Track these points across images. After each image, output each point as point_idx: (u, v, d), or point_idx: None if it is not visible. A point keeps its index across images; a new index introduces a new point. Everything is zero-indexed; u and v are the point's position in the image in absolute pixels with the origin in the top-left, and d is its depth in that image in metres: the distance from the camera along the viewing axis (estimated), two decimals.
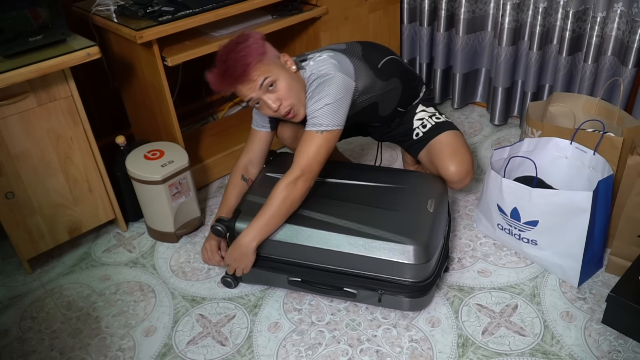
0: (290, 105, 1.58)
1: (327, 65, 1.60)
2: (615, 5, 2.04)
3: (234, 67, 1.51)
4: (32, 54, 1.62)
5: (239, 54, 1.51)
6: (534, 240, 1.73)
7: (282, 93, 1.57)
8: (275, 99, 1.56)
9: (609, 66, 2.15)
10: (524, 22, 2.34)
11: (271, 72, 1.54)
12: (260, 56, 1.53)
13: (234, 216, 1.65)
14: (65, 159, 1.81)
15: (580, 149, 1.76)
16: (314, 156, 1.55)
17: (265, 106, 1.59)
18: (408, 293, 1.56)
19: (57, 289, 1.84)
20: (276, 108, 1.57)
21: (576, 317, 1.61)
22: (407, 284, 1.55)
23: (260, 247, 1.62)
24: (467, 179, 1.82)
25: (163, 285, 1.83)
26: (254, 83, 1.53)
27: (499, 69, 2.43)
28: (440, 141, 1.84)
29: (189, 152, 2.02)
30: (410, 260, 1.51)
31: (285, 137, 1.88)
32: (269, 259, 1.66)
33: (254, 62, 1.51)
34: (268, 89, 1.56)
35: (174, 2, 1.94)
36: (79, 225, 1.93)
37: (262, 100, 1.57)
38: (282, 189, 1.55)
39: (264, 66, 1.53)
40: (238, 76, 1.52)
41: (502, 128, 2.60)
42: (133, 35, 1.77)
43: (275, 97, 1.56)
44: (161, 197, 1.89)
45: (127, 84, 2.21)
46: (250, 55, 1.51)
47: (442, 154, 1.82)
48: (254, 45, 1.53)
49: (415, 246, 1.51)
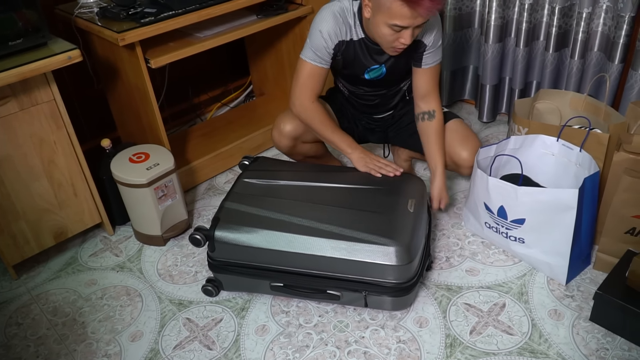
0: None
1: None
2: (601, 1, 2.04)
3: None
4: (12, 58, 1.60)
5: None
6: (521, 239, 1.72)
7: (417, 34, 1.59)
8: (413, 37, 1.56)
9: (596, 62, 2.15)
10: (510, 19, 2.33)
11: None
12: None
13: (212, 224, 1.63)
14: (49, 163, 1.79)
15: (567, 146, 1.75)
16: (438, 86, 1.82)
17: (402, 35, 1.55)
18: (392, 293, 1.56)
19: (43, 294, 1.83)
20: (409, 43, 1.57)
21: (564, 315, 1.60)
22: (390, 285, 1.54)
23: (241, 255, 1.62)
24: None
25: (150, 289, 1.82)
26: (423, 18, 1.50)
27: (486, 66, 2.43)
28: (449, 129, 1.87)
29: (176, 154, 2.01)
30: (393, 261, 1.50)
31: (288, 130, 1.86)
32: (250, 267, 1.64)
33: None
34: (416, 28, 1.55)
35: (157, 3, 1.93)
36: (64, 230, 1.91)
37: (408, 32, 1.53)
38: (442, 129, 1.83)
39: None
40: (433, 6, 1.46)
41: (490, 125, 2.60)
42: (115, 37, 1.76)
43: (413, 35, 1.56)
44: (147, 200, 1.87)
45: (112, 87, 2.19)
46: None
47: (453, 141, 1.85)
48: None
49: (397, 247, 1.50)
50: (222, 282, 1.71)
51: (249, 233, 1.59)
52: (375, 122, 2.01)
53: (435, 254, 1.86)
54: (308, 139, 1.91)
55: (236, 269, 1.64)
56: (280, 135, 1.88)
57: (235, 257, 1.63)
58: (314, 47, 1.69)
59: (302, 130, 1.86)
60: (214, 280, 1.73)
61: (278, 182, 1.77)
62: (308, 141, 1.93)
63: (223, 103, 2.85)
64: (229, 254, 1.63)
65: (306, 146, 1.95)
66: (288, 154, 1.96)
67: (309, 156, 2.01)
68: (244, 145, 2.41)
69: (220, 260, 1.66)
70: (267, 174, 1.81)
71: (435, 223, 1.99)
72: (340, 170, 1.91)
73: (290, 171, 1.85)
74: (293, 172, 1.85)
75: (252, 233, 1.59)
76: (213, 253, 1.65)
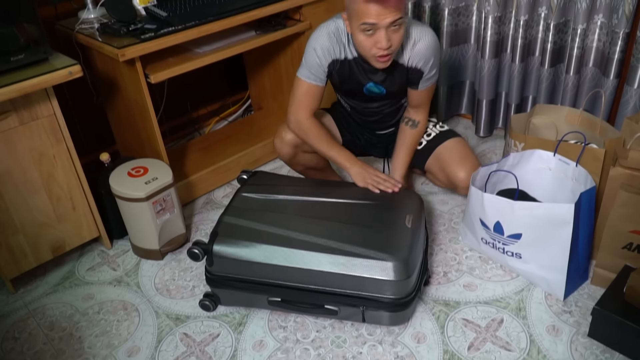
0: (393, 51, 1.60)
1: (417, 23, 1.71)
2: (595, 17, 2.06)
3: None
4: (13, 73, 1.61)
5: None
6: (518, 254, 1.73)
7: (397, 39, 1.58)
8: (389, 39, 1.55)
9: (591, 77, 2.17)
10: (505, 35, 2.36)
11: (404, 13, 1.54)
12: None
13: (211, 239, 1.63)
14: (48, 177, 1.80)
15: (563, 161, 1.76)
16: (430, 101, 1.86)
17: (376, 39, 1.55)
18: (390, 308, 1.56)
19: (40, 308, 1.82)
20: (385, 47, 1.55)
21: (562, 330, 1.60)
22: (388, 300, 1.54)
23: (239, 269, 1.62)
24: None
25: (147, 303, 1.81)
26: (391, 15, 1.50)
27: (483, 81, 2.45)
28: (448, 147, 1.88)
29: (175, 168, 2.02)
30: (391, 276, 1.50)
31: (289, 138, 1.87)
32: (247, 281, 1.64)
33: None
34: (391, 29, 1.54)
35: (157, 19, 1.94)
36: (62, 244, 1.91)
37: (381, 33, 1.53)
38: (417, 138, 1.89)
39: (404, 5, 1.53)
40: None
41: (487, 140, 2.61)
42: (115, 53, 1.77)
43: (390, 37, 1.55)
44: (145, 214, 1.88)
45: (112, 101, 2.20)
46: None
47: (451, 160, 1.86)
48: None
49: (395, 262, 1.51)
50: (220, 296, 1.71)
51: (247, 247, 1.60)
52: (376, 138, 2.02)
53: (433, 268, 1.86)
54: (308, 149, 1.92)
55: (234, 284, 1.64)
56: (282, 143, 1.89)
57: (234, 271, 1.63)
58: (309, 66, 1.73)
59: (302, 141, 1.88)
60: (212, 295, 1.72)
61: (276, 196, 1.77)
62: (309, 151, 1.94)
63: (221, 117, 2.87)
64: (227, 268, 1.63)
65: (307, 156, 1.96)
66: (289, 163, 1.97)
67: (309, 167, 2.02)
68: (242, 159, 2.42)
69: (218, 274, 1.65)
70: (266, 188, 1.81)
71: (432, 238, 2.00)
72: (338, 186, 1.92)
73: (288, 186, 1.86)
74: (291, 186, 1.85)
75: (251, 247, 1.59)
76: (211, 267, 1.65)
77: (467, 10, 2.46)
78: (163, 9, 1.98)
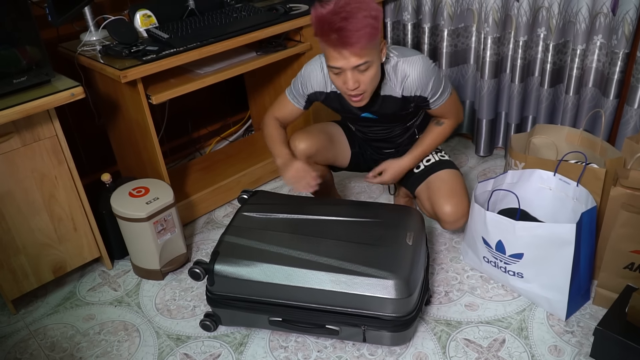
0: (363, 91, 1.57)
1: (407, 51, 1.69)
2: (594, 38, 2.08)
3: (347, 33, 1.42)
4: (16, 95, 1.62)
5: (359, 23, 1.42)
6: (519, 273, 1.72)
7: (367, 80, 1.54)
8: (357, 80, 1.53)
9: (591, 97, 2.18)
10: (505, 55, 2.38)
11: (371, 57, 1.50)
12: (375, 36, 1.47)
13: (212, 258, 1.63)
14: (50, 198, 1.80)
15: (564, 181, 1.77)
16: (459, 108, 1.83)
17: (344, 80, 1.54)
18: (391, 328, 1.55)
19: (41, 329, 1.82)
20: (352, 88, 1.54)
21: (564, 351, 1.59)
22: (389, 318, 1.54)
23: (240, 289, 1.61)
24: (460, 222, 1.83)
25: (148, 324, 1.81)
26: (354, 59, 1.48)
27: (483, 101, 2.46)
28: (440, 177, 1.85)
29: (176, 188, 2.02)
30: (393, 295, 1.50)
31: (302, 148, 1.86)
32: (248, 300, 1.63)
33: (367, 41, 1.45)
34: (356, 70, 1.51)
35: (159, 41, 1.97)
36: (63, 265, 1.91)
37: (347, 75, 1.52)
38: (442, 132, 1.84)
39: (371, 48, 1.48)
40: (346, 44, 1.44)
41: (487, 159, 2.62)
42: (117, 74, 1.79)
43: (358, 79, 1.53)
44: (146, 234, 1.88)
45: (113, 122, 2.22)
46: (369, 33, 1.44)
47: (439, 191, 1.83)
48: (375, 24, 1.45)
49: (396, 280, 1.50)
50: (221, 316, 1.70)
51: (249, 267, 1.59)
52: (379, 155, 2.02)
53: (434, 288, 1.86)
54: (320, 160, 1.92)
55: (235, 303, 1.63)
56: (294, 152, 1.86)
57: (235, 290, 1.63)
58: (294, 87, 1.79)
59: (315, 150, 1.87)
60: (212, 315, 1.72)
61: (277, 215, 1.78)
62: (320, 162, 1.94)
63: (222, 137, 2.88)
64: (228, 287, 1.63)
65: (316, 168, 1.93)
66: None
67: None
68: (243, 179, 2.42)
69: (220, 294, 1.65)
70: (266, 207, 1.82)
71: (433, 257, 2.00)
72: (338, 204, 1.92)
73: (289, 204, 1.86)
74: (292, 205, 1.86)
75: (252, 267, 1.59)
76: (212, 287, 1.65)
77: (467, 31, 2.48)
78: (164, 31, 2.00)
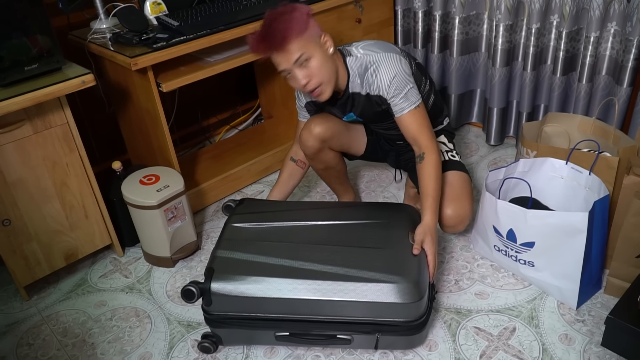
0: (318, 84, 1.61)
1: (378, 49, 1.68)
2: (608, 25, 2.05)
3: (273, 35, 1.53)
4: (27, 82, 1.63)
5: (281, 24, 1.53)
6: (530, 262, 1.72)
7: (314, 71, 1.59)
8: (305, 75, 1.59)
9: (604, 85, 2.16)
10: (517, 43, 2.35)
11: (308, 49, 1.56)
12: (302, 31, 1.54)
13: (207, 276, 1.51)
14: (61, 186, 1.81)
15: (576, 169, 1.75)
16: (428, 127, 1.69)
17: (294, 79, 1.61)
18: (404, 332, 1.50)
19: (54, 315, 1.84)
20: (304, 84, 1.60)
21: (575, 339, 1.59)
22: (402, 324, 1.48)
23: (240, 306, 1.52)
24: (460, 226, 1.81)
25: (159, 310, 1.82)
26: (289, 55, 1.55)
27: (494, 89, 2.44)
28: (447, 180, 1.80)
29: (186, 176, 2.02)
30: (405, 299, 1.44)
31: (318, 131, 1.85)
32: (252, 318, 1.53)
33: (293, 35, 1.53)
34: (301, 65, 1.58)
35: (169, 29, 1.96)
36: (75, 251, 1.93)
37: (293, 73, 1.59)
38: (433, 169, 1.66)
39: (303, 41, 1.55)
40: (276, 45, 1.54)
41: (498, 148, 2.60)
42: (128, 62, 1.79)
43: (305, 73, 1.59)
44: (157, 221, 1.89)
45: (123, 110, 2.22)
46: (292, 27, 1.53)
47: (444, 193, 1.78)
48: (298, 19, 1.55)
49: (407, 284, 1.45)
50: (221, 336, 1.60)
51: (248, 282, 1.49)
52: (391, 146, 2.02)
53: (444, 277, 1.85)
54: (335, 146, 1.92)
55: (237, 322, 1.54)
56: (309, 135, 1.85)
57: (235, 309, 1.52)
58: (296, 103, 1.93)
59: (331, 134, 1.86)
60: (212, 336, 1.61)
61: (270, 224, 1.69)
62: (334, 148, 1.93)
63: (232, 126, 2.88)
64: (227, 306, 1.52)
65: (330, 154, 1.94)
66: (312, 158, 1.92)
67: (330, 166, 1.98)
68: (253, 167, 2.43)
69: (218, 314, 1.54)
70: (256, 217, 1.73)
71: (443, 246, 1.99)
72: (333, 206, 1.88)
73: (280, 211, 1.78)
74: (284, 211, 1.77)
75: (252, 282, 1.49)
76: (209, 307, 1.53)
77: (478, 18, 2.46)
78: (174, 19, 2.00)
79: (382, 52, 1.67)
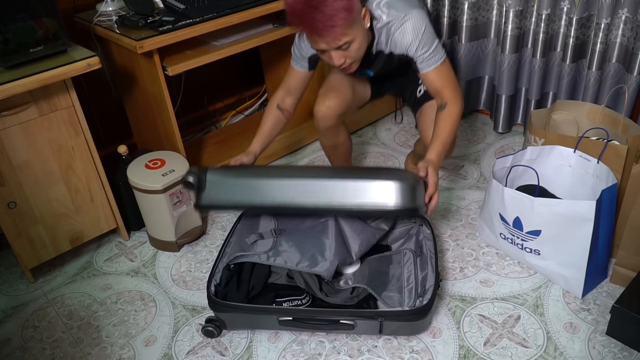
0: (352, 62, 1.57)
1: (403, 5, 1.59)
2: (620, 12, 2.03)
3: (319, 24, 1.42)
4: (33, 64, 1.62)
5: (330, 8, 1.40)
6: (536, 250, 1.71)
7: (352, 53, 1.53)
8: (342, 56, 1.52)
9: (614, 73, 2.13)
10: (527, 29, 2.33)
11: (352, 34, 1.48)
12: (350, 18, 1.44)
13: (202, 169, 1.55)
14: (67, 169, 1.81)
15: (584, 158, 1.74)
16: (453, 81, 1.64)
17: (329, 57, 1.54)
18: (408, 317, 1.50)
19: (59, 298, 1.85)
20: (339, 64, 1.54)
21: (580, 328, 1.58)
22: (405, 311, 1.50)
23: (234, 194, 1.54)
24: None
25: (164, 294, 1.83)
26: (333, 42, 1.47)
27: (502, 76, 2.42)
28: (432, 106, 1.77)
29: (191, 161, 2.02)
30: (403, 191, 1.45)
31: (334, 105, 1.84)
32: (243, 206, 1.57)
33: (343, 25, 1.43)
34: (341, 48, 1.51)
35: (175, 12, 1.95)
36: (80, 235, 1.93)
37: (329, 53, 1.52)
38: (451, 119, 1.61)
39: (349, 29, 1.46)
40: (320, 35, 1.45)
41: (505, 136, 2.58)
42: (133, 45, 1.78)
43: (343, 54, 1.52)
44: (162, 206, 1.89)
45: (129, 93, 2.22)
46: (343, 16, 1.42)
47: (427, 120, 1.78)
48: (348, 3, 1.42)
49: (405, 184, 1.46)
50: (225, 320, 1.60)
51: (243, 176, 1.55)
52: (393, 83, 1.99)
53: (449, 264, 1.85)
54: (349, 114, 1.91)
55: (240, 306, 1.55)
56: (327, 109, 1.83)
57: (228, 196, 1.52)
58: (294, 52, 1.80)
59: (345, 107, 1.85)
60: (215, 320, 1.61)
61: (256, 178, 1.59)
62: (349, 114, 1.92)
63: (238, 111, 2.87)
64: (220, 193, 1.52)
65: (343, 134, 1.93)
66: (325, 131, 1.91)
67: (340, 142, 1.98)
68: None
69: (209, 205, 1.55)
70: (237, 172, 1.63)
71: (449, 233, 1.98)
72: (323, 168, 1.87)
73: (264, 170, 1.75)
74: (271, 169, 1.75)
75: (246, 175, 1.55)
76: (203, 193, 1.53)
77: (488, 4, 2.43)
78: (181, 2, 1.98)
79: (406, 9, 1.59)
